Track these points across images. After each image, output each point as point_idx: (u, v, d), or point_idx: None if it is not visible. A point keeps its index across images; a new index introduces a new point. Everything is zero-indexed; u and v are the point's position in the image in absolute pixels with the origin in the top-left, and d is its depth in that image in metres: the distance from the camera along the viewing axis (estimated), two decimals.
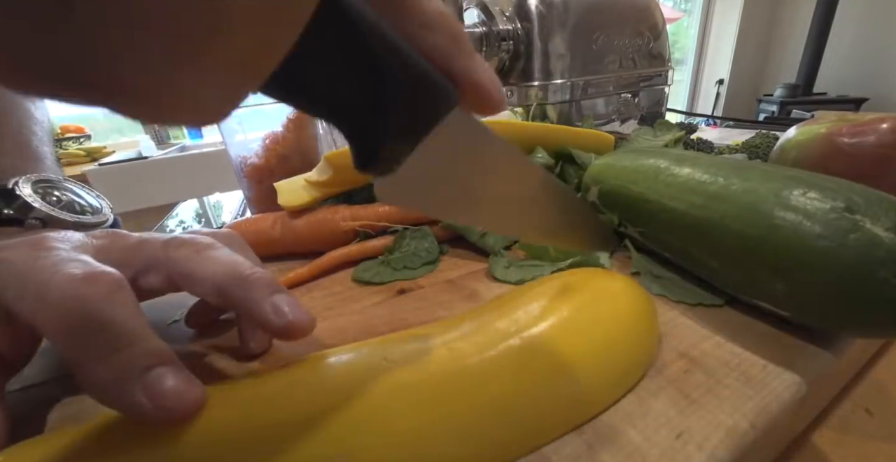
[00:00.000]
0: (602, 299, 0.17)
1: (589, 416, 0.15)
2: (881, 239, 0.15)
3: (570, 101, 0.47)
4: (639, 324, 0.17)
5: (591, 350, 0.15)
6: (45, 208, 0.24)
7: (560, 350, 0.15)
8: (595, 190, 0.29)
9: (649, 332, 0.18)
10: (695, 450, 0.14)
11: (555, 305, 0.16)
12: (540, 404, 0.14)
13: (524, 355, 0.15)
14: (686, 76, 2.98)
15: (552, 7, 0.44)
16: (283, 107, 0.56)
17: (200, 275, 0.17)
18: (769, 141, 0.43)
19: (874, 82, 2.31)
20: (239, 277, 0.16)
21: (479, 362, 0.14)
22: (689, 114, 0.64)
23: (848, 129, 0.28)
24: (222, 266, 0.17)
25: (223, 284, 0.17)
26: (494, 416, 0.14)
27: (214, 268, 0.17)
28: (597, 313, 0.17)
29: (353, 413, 0.13)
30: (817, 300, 0.17)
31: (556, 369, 0.15)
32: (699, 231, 0.21)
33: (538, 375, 0.14)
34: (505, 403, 0.14)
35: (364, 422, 0.13)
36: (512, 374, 0.14)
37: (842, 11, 2.15)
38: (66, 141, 1.49)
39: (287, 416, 0.13)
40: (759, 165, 0.21)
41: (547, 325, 0.15)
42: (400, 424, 0.13)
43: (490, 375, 0.14)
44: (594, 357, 0.15)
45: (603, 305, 0.17)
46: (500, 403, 0.14)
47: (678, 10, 2.86)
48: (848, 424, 0.20)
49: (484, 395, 0.14)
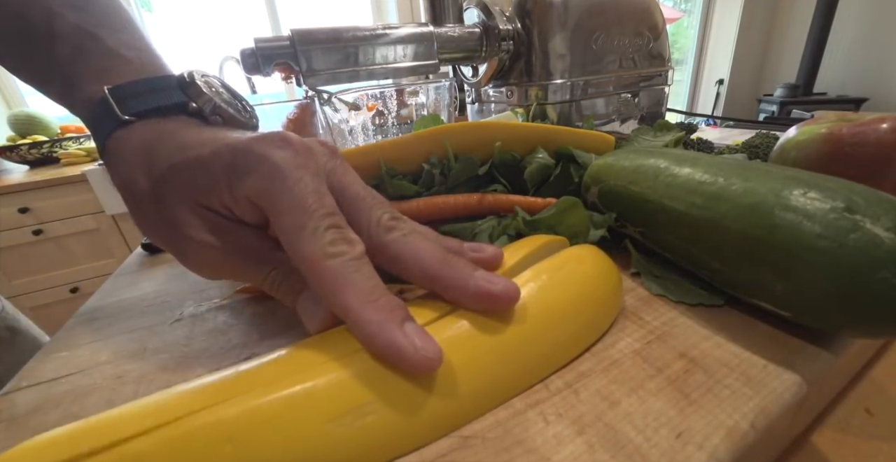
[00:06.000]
0: (571, 262, 0.21)
1: (568, 359, 0.18)
2: (881, 239, 0.15)
3: (570, 101, 0.47)
4: (606, 279, 0.21)
5: (567, 304, 0.19)
6: (224, 106, 0.23)
7: (543, 306, 0.18)
8: (595, 190, 0.29)
9: (615, 287, 0.21)
10: (695, 450, 0.14)
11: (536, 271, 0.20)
12: (534, 347, 0.17)
13: (519, 310, 0.18)
14: (686, 76, 2.99)
15: (552, 7, 0.44)
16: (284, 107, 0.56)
17: (411, 259, 0.18)
18: (769, 141, 0.43)
19: (874, 82, 2.31)
20: (443, 261, 0.18)
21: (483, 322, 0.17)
22: (689, 114, 0.64)
23: (848, 129, 0.28)
24: (428, 251, 0.18)
25: (431, 270, 0.18)
26: (496, 361, 0.16)
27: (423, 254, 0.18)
28: (569, 274, 0.20)
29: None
30: (817, 300, 0.17)
31: (543, 320, 0.18)
32: (699, 231, 0.21)
33: (530, 325, 0.17)
34: (503, 350, 0.17)
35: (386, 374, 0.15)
36: (507, 328, 0.17)
37: (842, 11, 2.15)
38: (66, 141, 1.48)
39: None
40: (759, 165, 0.21)
41: (535, 286, 0.19)
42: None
43: (490, 329, 0.17)
44: (571, 309, 0.19)
45: (573, 267, 0.21)
46: (503, 348, 0.17)
47: (678, 10, 2.86)
48: (848, 424, 0.20)
49: (487, 344, 0.16)
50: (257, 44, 0.37)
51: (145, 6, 1.76)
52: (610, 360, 0.19)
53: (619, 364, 0.18)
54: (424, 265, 0.17)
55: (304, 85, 0.40)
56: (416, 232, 0.19)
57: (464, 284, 0.17)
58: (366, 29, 0.40)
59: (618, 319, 0.21)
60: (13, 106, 1.62)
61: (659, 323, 0.21)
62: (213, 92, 0.23)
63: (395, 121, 0.46)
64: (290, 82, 0.41)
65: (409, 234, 0.18)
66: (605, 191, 0.28)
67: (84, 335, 0.25)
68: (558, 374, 0.18)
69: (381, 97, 0.44)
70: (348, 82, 0.41)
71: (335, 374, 0.14)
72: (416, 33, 0.42)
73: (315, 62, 0.39)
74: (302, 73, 0.39)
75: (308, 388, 0.14)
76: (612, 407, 0.16)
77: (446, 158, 0.30)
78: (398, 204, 0.29)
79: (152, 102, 0.22)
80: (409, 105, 0.46)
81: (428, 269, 0.17)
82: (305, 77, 0.39)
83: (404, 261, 0.18)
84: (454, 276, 0.17)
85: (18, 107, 1.61)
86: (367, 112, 0.45)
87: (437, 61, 0.44)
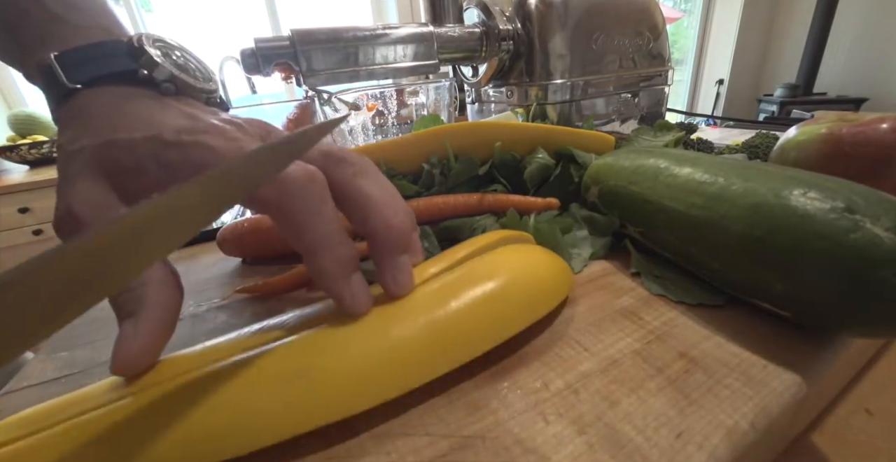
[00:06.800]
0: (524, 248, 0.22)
1: (516, 330, 0.19)
2: (881, 239, 0.15)
3: (570, 101, 0.47)
4: (552, 262, 0.22)
5: (515, 279, 0.19)
6: (178, 72, 0.22)
7: (475, 284, 0.19)
8: (595, 190, 0.29)
9: (562, 270, 0.22)
10: (695, 450, 0.14)
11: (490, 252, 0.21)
12: (478, 319, 0.18)
13: (470, 283, 0.19)
14: (686, 76, 2.99)
15: (552, 7, 0.44)
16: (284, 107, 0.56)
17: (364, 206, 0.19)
18: (769, 141, 0.43)
19: (874, 82, 2.31)
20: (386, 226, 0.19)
21: (439, 289, 0.19)
22: (689, 114, 0.64)
23: (848, 129, 0.28)
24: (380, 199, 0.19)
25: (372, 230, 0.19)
26: (447, 331, 0.17)
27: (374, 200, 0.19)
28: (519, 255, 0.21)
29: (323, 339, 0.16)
30: (817, 300, 0.17)
31: (489, 295, 0.19)
32: (699, 231, 0.21)
33: (478, 299, 0.18)
34: (456, 318, 0.18)
35: (323, 343, 0.16)
36: (460, 297, 0.18)
37: (842, 11, 2.15)
38: None
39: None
40: (759, 165, 0.21)
41: (485, 264, 0.20)
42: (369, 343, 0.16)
43: (443, 299, 0.18)
44: (518, 284, 0.19)
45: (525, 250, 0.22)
46: (453, 318, 0.17)
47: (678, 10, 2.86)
48: (848, 424, 0.20)
49: (442, 313, 0.17)
50: (257, 44, 0.37)
51: (145, 6, 1.76)
52: (610, 360, 0.19)
53: (619, 364, 0.18)
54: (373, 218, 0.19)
55: (304, 85, 0.40)
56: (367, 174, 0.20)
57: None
58: (366, 29, 0.40)
59: (618, 319, 0.21)
60: (13, 106, 1.62)
61: (659, 323, 0.21)
62: (165, 58, 0.22)
63: (395, 121, 0.46)
64: (290, 82, 0.41)
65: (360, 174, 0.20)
66: (605, 191, 0.28)
67: (84, 335, 0.25)
68: (558, 373, 0.18)
69: (381, 97, 0.44)
70: (348, 82, 0.41)
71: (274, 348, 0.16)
72: (416, 33, 0.42)
73: (315, 62, 0.39)
74: (302, 73, 0.39)
75: (252, 357, 0.16)
76: (612, 407, 0.16)
77: (446, 158, 0.30)
78: None
79: (102, 69, 0.20)
80: (409, 105, 0.46)
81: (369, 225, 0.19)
82: (305, 77, 0.39)
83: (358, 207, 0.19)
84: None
85: (18, 107, 1.61)
86: (367, 112, 0.45)
87: (437, 61, 0.44)
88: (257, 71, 0.38)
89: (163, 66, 0.21)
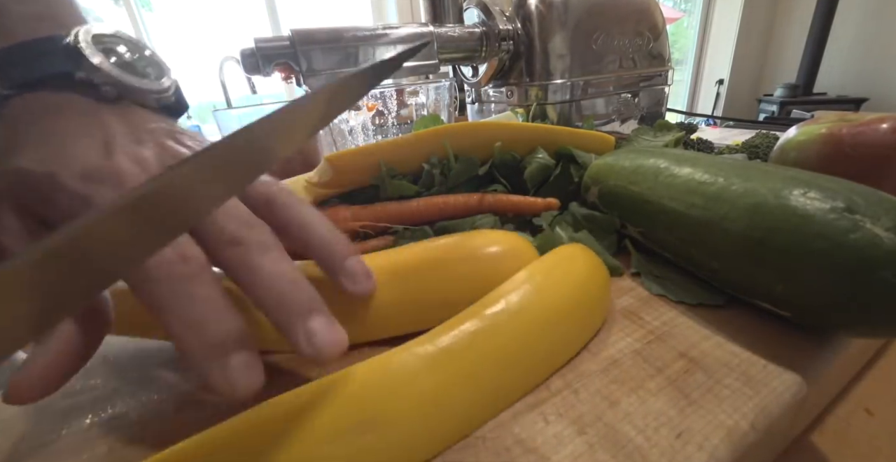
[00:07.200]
0: (564, 263, 0.21)
1: (567, 358, 0.19)
2: (881, 239, 0.15)
3: (570, 101, 0.47)
4: (597, 278, 0.21)
5: (561, 305, 0.19)
6: (119, 73, 0.19)
7: (538, 307, 0.18)
8: (595, 190, 0.29)
9: (605, 284, 0.21)
10: (695, 450, 0.14)
11: (530, 272, 0.20)
12: (532, 350, 0.17)
13: (514, 316, 0.17)
14: (686, 76, 2.99)
15: (552, 7, 0.44)
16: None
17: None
18: (769, 141, 0.43)
19: (874, 82, 2.31)
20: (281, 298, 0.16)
21: (481, 327, 0.17)
22: (689, 114, 0.64)
23: (848, 129, 0.28)
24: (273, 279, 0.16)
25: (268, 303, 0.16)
26: (498, 365, 0.16)
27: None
28: (560, 276, 0.20)
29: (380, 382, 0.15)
30: (817, 300, 0.17)
31: (540, 323, 0.18)
32: (699, 231, 0.21)
33: (528, 329, 0.17)
34: (504, 354, 0.16)
35: (389, 388, 0.15)
36: (507, 331, 0.17)
37: (842, 11, 2.15)
38: None
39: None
40: (759, 165, 0.21)
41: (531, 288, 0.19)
42: (421, 384, 0.15)
43: (490, 334, 0.17)
44: (564, 310, 0.19)
45: (564, 268, 0.21)
46: (500, 354, 0.16)
47: (678, 10, 2.86)
48: (848, 424, 0.20)
49: (488, 349, 0.16)
50: (257, 44, 0.37)
51: (145, 6, 1.77)
52: (610, 360, 0.19)
53: (619, 364, 0.18)
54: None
55: (304, 85, 0.40)
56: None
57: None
58: (366, 29, 0.40)
59: (618, 319, 0.21)
60: None
61: (659, 323, 0.21)
62: (107, 56, 0.19)
63: (395, 121, 0.46)
64: (290, 82, 0.41)
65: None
66: (605, 191, 0.28)
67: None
68: (558, 373, 0.18)
69: (381, 97, 0.44)
70: None
71: (331, 393, 0.14)
72: (416, 33, 0.42)
73: (315, 62, 0.39)
74: (302, 73, 0.39)
75: (304, 407, 0.14)
76: (612, 407, 0.16)
77: (446, 158, 0.30)
78: (398, 204, 0.29)
79: (35, 72, 0.18)
80: (409, 105, 0.46)
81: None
82: (305, 77, 0.39)
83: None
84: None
85: None
86: (367, 112, 0.45)
87: (437, 61, 0.44)
88: (257, 71, 0.38)
89: (100, 67, 0.19)
